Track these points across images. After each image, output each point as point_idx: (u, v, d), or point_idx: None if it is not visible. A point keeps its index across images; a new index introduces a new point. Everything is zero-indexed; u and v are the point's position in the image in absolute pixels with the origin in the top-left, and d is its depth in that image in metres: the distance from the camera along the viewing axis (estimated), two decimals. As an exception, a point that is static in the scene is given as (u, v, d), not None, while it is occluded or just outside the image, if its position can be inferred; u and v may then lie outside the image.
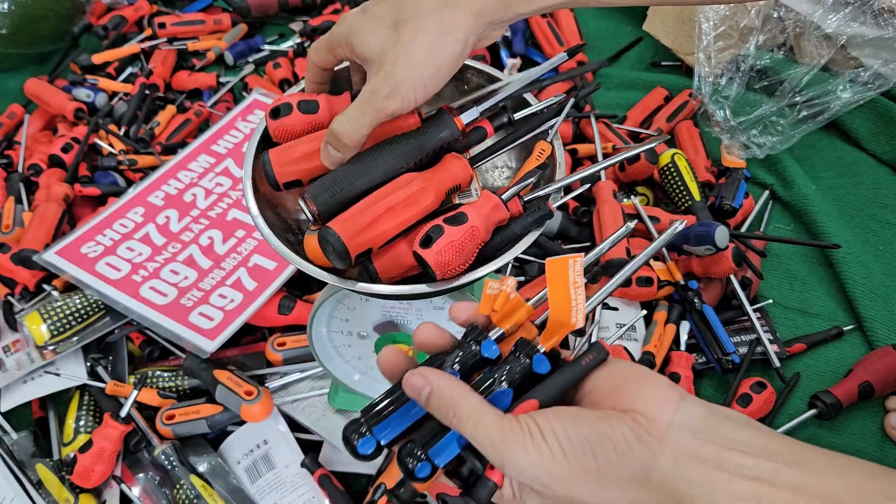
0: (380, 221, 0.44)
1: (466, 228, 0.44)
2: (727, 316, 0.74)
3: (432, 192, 0.45)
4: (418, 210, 0.45)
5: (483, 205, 0.45)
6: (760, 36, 0.91)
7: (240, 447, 0.70)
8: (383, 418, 0.38)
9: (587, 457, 0.33)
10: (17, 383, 0.74)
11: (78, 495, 0.66)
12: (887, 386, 0.66)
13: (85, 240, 0.80)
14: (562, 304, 0.38)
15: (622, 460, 0.34)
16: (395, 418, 0.38)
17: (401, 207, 0.44)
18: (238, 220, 0.83)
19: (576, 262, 0.38)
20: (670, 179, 0.82)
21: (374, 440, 0.38)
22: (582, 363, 0.38)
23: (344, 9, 1.16)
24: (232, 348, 0.77)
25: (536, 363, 0.38)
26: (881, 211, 0.83)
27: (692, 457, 0.34)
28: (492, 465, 0.36)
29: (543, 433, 0.34)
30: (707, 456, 0.34)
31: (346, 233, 0.43)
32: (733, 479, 0.33)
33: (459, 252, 0.44)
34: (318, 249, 0.46)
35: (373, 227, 0.44)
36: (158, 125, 0.99)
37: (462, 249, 0.44)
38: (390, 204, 0.44)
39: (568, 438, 0.34)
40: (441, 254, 0.43)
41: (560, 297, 0.38)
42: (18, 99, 1.05)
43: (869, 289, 0.74)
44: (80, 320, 0.75)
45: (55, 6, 1.08)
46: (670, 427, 0.34)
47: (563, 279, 0.38)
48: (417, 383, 0.36)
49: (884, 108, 0.87)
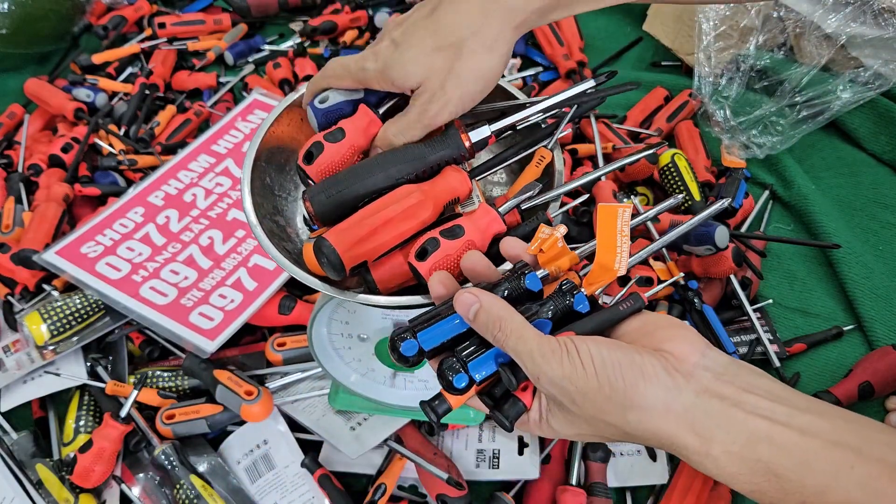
0: (376, 234, 0.44)
1: (462, 242, 0.44)
2: (727, 316, 0.74)
3: (430, 206, 0.45)
4: (415, 224, 0.45)
5: (480, 217, 0.46)
6: (760, 36, 0.91)
7: (240, 447, 0.70)
8: (428, 325, 0.40)
9: (617, 377, 0.36)
10: (17, 383, 0.74)
11: (78, 495, 0.66)
12: (887, 386, 0.66)
13: (85, 240, 0.80)
14: (608, 248, 0.40)
15: (648, 385, 0.36)
16: (439, 327, 0.40)
17: (398, 220, 0.44)
18: (238, 220, 0.83)
19: (625, 211, 0.41)
20: (670, 179, 0.82)
21: (417, 344, 0.40)
22: (620, 308, 0.40)
23: (344, 9, 1.16)
24: (232, 348, 0.77)
25: (578, 302, 0.40)
26: (881, 211, 0.83)
27: (713, 394, 0.36)
28: (524, 388, 0.40)
29: (580, 351, 0.37)
30: (727, 394, 0.36)
31: (341, 244, 0.43)
32: (749, 417, 0.35)
33: (455, 266, 0.44)
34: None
35: (368, 240, 0.44)
36: (158, 125, 0.99)
37: (457, 263, 0.44)
38: (387, 217, 0.44)
39: (601, 359, 0.36)
40: (436, 267, 0.44)
41: (606, 242, 0.41)
42: (18, 99, 1.05)
43: (869, 289, 0.74)
44: (80, 320, 0.75)
45: (55, 6, 1.08)
46: (696, 367, 0.37)
47: (612, 226, 0.41)
48: (468, 300, 0.39)
49: (884, 108, 0.87)
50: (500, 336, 0.38)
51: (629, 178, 0.86)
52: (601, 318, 0.40)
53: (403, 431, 0.67)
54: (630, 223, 0.40)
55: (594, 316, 0.40)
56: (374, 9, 1.17)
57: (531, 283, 0.41)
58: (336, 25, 1.13)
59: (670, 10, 1.03)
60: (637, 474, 0.66)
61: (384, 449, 0.68)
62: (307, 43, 1.14)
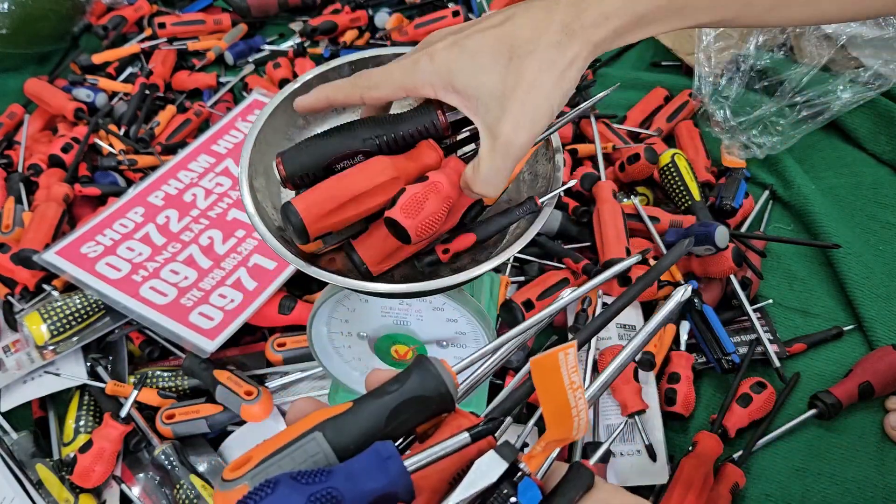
0: (344, 208, 0.43)
1: (428, 184, 0.43)
2: (727, 316, 0.74)
3: (402, 182, 0.44)
4: (384, 200, 0.44)
5: (444, 165, 0.44)
6: (760, 36, 0.91)
7: (240, 447, 0.70)
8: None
9: None
10: (17, 383, 0.74)
11: (78, 495, 0.66)
12: (887, 386, 0.66)
13: (85, 240, 0.80)
14: (558, 415, 0.31)
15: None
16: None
17: (366, 196, 0.43)
18: (238, 220, 0.83)
19: (567, 355, 0.30)
20: (670, 179, 0.82)
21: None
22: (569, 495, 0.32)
23: (344, 9, 1.16)
24: (232, 348, 0.77)
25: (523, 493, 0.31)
26: (881, 211, 0.83)
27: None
28: None
29: None
30: None
31: (308, 214, 0.42)
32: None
33: (423, 204, 0.42)
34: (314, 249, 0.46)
35: (336, 213, 0.43)
36: (158, 125, 0.99)
37: (426, 201, 0.42)
38: (357, 191, 0.43)
39: None
40: (406, 208, 0.42)
41: (555, 407, 0.31)
42: (18, 99, 1.05)
43: (869, 289, 0.74)
44: (80, 320, 0.75)
45: (55, 6, 1.08)
46: None
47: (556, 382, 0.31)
48: None
49: (884, 108, 0.87)
50: None
51: (629, 178, 0.86)
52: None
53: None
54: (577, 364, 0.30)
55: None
56: (374, 9, 1.17)
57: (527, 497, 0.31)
58: (336, 25, 1.13)
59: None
60: (637, 474, 0.66)
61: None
62: (307, 43, 1.14)
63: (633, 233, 0.79)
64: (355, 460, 0.31)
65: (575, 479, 0.33)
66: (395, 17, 1.14)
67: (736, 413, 0.66)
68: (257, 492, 0.29)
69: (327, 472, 0.30)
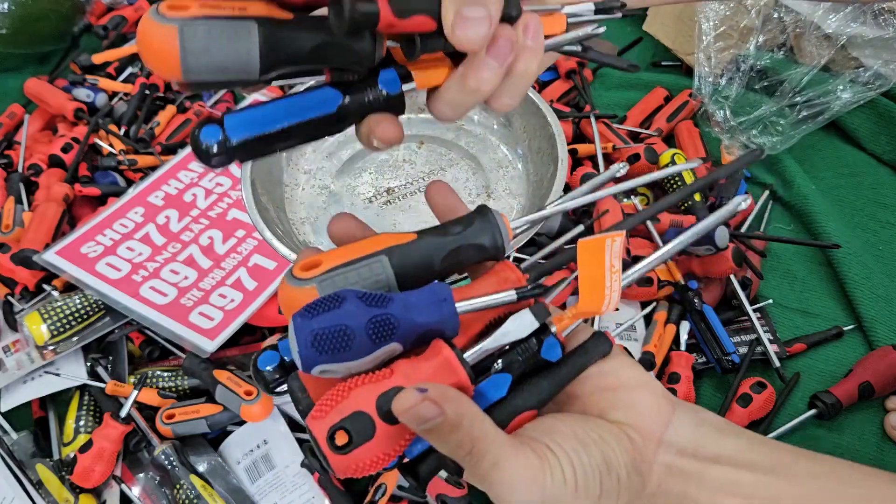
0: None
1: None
2: (727, 316, 0.74)
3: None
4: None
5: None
6: (760, 36, 0.91)
7: (240, 447, 0.70)
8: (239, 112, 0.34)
9: (594, 485, 0.32)
10: (17, 383, 0.74)
11: (78, 495, 0.66)
12: (887, 386, 0.66)
13: (85, 240, 0.80)
14: (593, 290, 0.33)
15: (620, 489, 0.33)
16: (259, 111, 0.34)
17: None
18: (238, 219, 0.83)
19: (614, 242, 0.33)
20: (670, 179, 0.82)
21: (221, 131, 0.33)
22: (587, 355, 0.36)
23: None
24: (232, 348, 0.77)
25: (548, 349, 0.35)
26: (881, 211, 0.83)
27: (677, 473, 0.34)
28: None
29: (562, 464, 0.31)
30: (690, 472, 0.34)
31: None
32: (714, 497, 0.34)
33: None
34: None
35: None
36: (158, 125, 0.99)
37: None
38: None
39: (583, 469, 0.32)
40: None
41: (592, 284, 0.33)
42: (18, 99, 1.05)
43: (869, 289, 0.74)
44: (80, 320, 0.75)
45: (55, 6, 1.08)
46: (659, 446, 0.34)
47: (598, 263, 0.33)
48: (427, 413, 0.29)
49: (884, 108, 0.87)
50: (468, 460, 0.30)
51: (629, 179, 0.86)
52: (569, 373, 0.35)
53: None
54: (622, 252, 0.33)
55: (562, 370, 0.35)
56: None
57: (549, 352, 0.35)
58: (336, 25, 1.13)
59: (670, 10, 1.03)
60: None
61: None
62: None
63: (632, 233, 0.79)
64: (413, 294, 0.33)
65: (595, 344, 0.36)
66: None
67: (736, 413, 0.66)
68: (326, 302, 0.31)
69: (388, 299, 0.32)
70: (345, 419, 0.31)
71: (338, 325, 0.31)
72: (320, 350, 0.31)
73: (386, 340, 0.32)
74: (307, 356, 0.31)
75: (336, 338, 0.31)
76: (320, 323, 0.31)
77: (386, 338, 0.32)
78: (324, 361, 0.31)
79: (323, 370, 0.31)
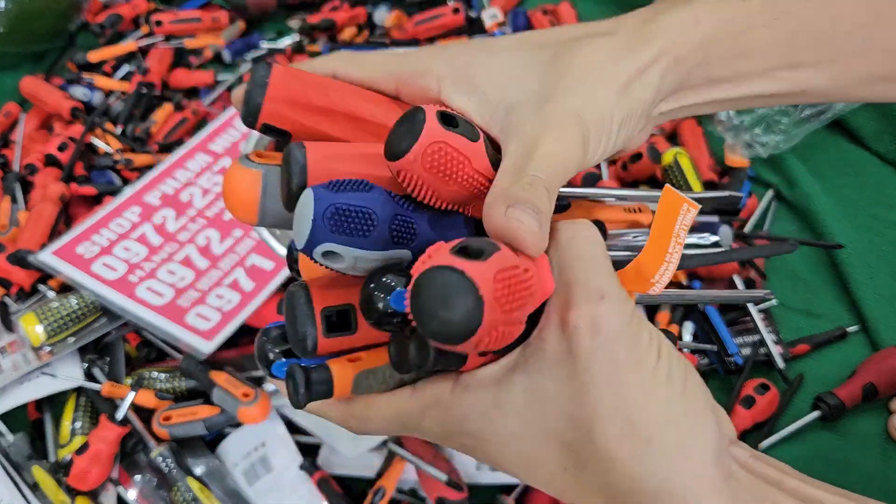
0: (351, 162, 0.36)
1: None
2: (730, 317, 0.74)
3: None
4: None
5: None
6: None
7: (237, 449, 0.69)
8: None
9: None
10: (13, 385, 0.73)
11: (74, 498, 0.66)
12: (891, 387, 0.66)
13: (81, 240, 0.79)
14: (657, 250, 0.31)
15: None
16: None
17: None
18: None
19: (689, 210, 0.31)
20: (673, 179, 0.82)
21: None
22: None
23: (343, 6, 1.15)
24: (230, 349, 0.76)
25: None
26: (885, 211, 0.83)
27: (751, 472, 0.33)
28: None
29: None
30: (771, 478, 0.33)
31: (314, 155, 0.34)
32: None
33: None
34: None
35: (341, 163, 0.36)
36: (155, 123, 0.98)
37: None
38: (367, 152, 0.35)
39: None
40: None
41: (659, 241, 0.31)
42: (14, 97, 1.04)
43: (873, 289, 0.73)
44: (76, 321, 0.75)
45: (52, 4, 1.07)
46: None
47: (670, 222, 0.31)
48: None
49: (888, 107, 0.87)
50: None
51: (632, 178, 0.85)
52: None
53: (403, 433, 0.67)
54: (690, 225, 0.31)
55: None
56: (373, 5, 1.16)
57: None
58: (335, 23, 1.12)
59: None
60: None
61: (384, 452, 0.67)
62: (305, 41, 1.13)
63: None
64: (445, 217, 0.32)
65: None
66: (395, 15, 1.13)
67: (739, 415, 0.66)
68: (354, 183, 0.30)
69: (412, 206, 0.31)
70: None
71: (364, 207, 0.28)
72: (335, 227, 0.28)
73: (404, 244, 0.29)
74: (318, 229, 0.28)
75: (357, 219, 0.28)
76: (347, 199, 0.28)
77: (405, 241, 0.29)
78: (334, 241, 0.28)
79: (327, 251, 0.28)
